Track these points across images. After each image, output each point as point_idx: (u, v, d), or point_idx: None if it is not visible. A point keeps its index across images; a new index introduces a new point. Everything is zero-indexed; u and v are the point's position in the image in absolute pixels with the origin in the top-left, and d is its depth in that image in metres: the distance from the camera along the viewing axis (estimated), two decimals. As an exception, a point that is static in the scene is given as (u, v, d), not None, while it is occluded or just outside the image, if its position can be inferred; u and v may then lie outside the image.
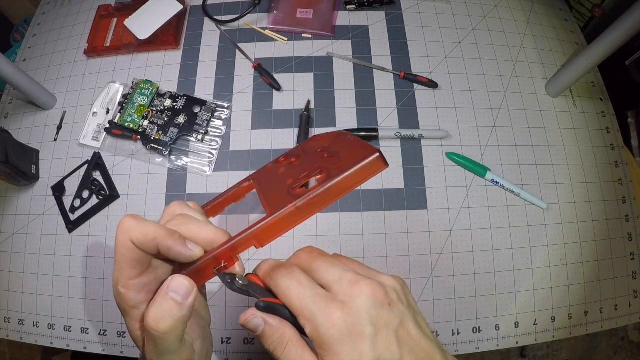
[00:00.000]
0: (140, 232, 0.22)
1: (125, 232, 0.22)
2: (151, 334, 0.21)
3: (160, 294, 0.21)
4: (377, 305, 0.22)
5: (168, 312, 0.21)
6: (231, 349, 0.47)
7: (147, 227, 0.22)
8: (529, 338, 0.48)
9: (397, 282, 0.24)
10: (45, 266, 0.51)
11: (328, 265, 0.24)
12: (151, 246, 0.22)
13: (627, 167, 0.56)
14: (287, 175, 0.25)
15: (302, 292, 0.22)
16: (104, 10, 0.64)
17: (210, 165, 0.53)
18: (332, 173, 0.22)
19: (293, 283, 0.23)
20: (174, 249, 0.22)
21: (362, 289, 0.22)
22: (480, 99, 0.57)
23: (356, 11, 0.62)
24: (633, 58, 0.67)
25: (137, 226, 0.22)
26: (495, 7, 0.64)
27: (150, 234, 0.22)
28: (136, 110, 0.55)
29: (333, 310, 0.21)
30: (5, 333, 0.50)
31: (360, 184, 0.22)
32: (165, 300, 0.21)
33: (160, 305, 0.21)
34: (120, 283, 0.22)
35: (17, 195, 0.55)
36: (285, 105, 0.56)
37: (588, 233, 0.52)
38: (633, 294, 0.51)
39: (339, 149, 0.25)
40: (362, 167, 0.21)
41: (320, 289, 0.23)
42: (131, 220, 0.22)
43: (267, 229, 0.22)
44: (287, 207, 0.22)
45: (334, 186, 0.21)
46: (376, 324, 0.22)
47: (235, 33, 0.61)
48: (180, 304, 0.21)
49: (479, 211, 0.51)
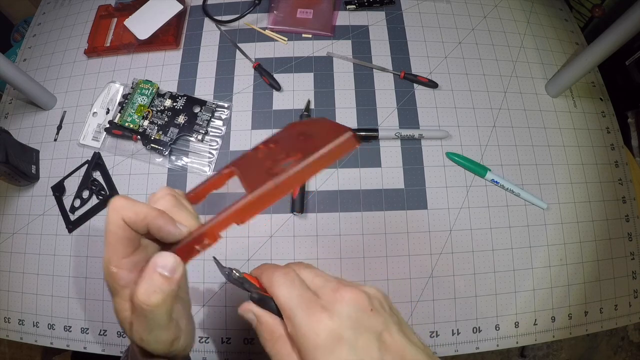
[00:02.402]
0: (132, 211, 0.22)
1: (117, 211, 0.22)
2: (142, 309, 0.21)
3: (148, 269, 0.22)
4: (358, 311, 0.22)
5: (158, 286, 0.21)
6: (231, 349, 0.47)
7: (138, 207, 0.22)
8: (529, 338, 0.48)
9: (380, 292, 0.25)
10: (45, 266, 0.51)
11: (313, 275, 0.24)
12: (142, 225, 0.22)
13: (627, 167, 0.56)
14: (266, 159, 0.26)
15: (290, 291, 0.23)
16: (104, 10, 0.64)
17: (210, 165, 0.53)
18: (308, 152, 0.23)
19: (286, 281, 0.23)
20: (164, 228, 0.23)
21: (344, 295, 0.22)
22: (480, 99, 0.57)
23: (356, 11, 0.62)
24: (633, 58, 0.67)
25: (128, 205, 0.22)
26: (495, 7, 0.64)
27: (141, 213, 0.22)
28: (136, 110, 0.55)
29: (315, 312, 0.22)
30: (5, 333, 0.50)
31: (334, 160, 0.23)
32: (154, 275, 0.22)
33: (150, 279, 0.22)
34: (113, 262, 0.22)
35: (17, 195, 0.55)
36: (285, 105, 0.56)
37: (588, 233, 0.52)
38: (633, 294, 0.51)
39: (314, 132, 0.26)
40: (335, 145, 0.22)
41: (308, 292, 0.23)
42: (122, 200, 0.22)
43: (247, 206, 0.23)
44: (267, 184, 0.22)
45: (310, 163, 0.22)
46: (357, 329, 0.21)
47: (235, 33, 0.61)
48: (169, 279, 0.22)
49: (479, 211, 0.51)
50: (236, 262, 0.49)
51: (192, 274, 0.49)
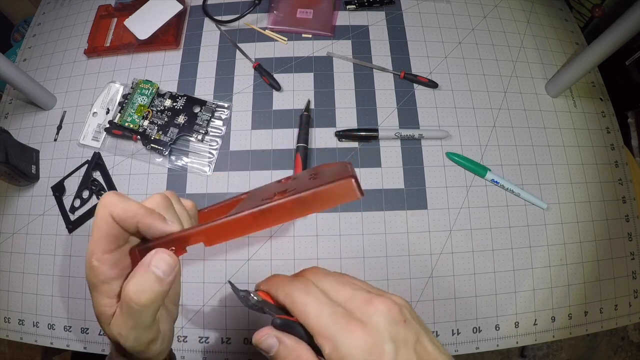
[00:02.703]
0: (122, 208, 0.22)
1: (106, 207, 0.22)
2: (129, 307, 0.21)
3: (142, 266, 0.22)
4: (394, 323, 0.22)
5: (149, 286, 0.21)
6: (231, 349, 0.47)
7: (129, 204, 0.22)
8: (529, 338, 0.48)
9: (406, 301, 0.24)
10: (45, 266, 0.51)
11: (338, 285, 0.23)
12: (131, 223, 0.22)
13: (627, 167, 0.56)
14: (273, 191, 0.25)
15: (320, 310, 0.22)
16: (104, 10, 0.64)
17: (210, 165, 0.53)
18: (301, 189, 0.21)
19: (310, 300, 0.22)
20: (153, 226, 0.22)
21: (378, 307, 0.22)
22: (480, 99, 0.57)
23: (356, 11, 0.62)
24: (633, 58, 0.67)
25: (118, 202, 0.22)
26: (495, 7, 0.64)
27: (131, 210, 0.22)
28: (136, 110, 0.55)
29: (353, 329, 0.21)
30: (5, 333, 0.50)
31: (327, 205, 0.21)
32: (147, 273, 0.21)
33: (142, 277, 0.21)
34: (95, 256, 0.22)
35: (17, 195, 0.55)
36: (285, 105, 0.56)
37: (588, 233, 0.52)
38: (633, 294, 0.51)
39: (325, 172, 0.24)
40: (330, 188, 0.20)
41: (339, 307, 0.22)
42: (113, 196, 0.22)
43: (217, 228, 0.22)
44: (244, 211, 0.21)
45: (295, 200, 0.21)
46: (396, 341, 0.21)
47: (235, 33, 0.61)
48: (162, 279, 0.21)
49: (479, 211, 0.51)
50: (236, 262, 0.49)
51: (192, 274, 0.49)
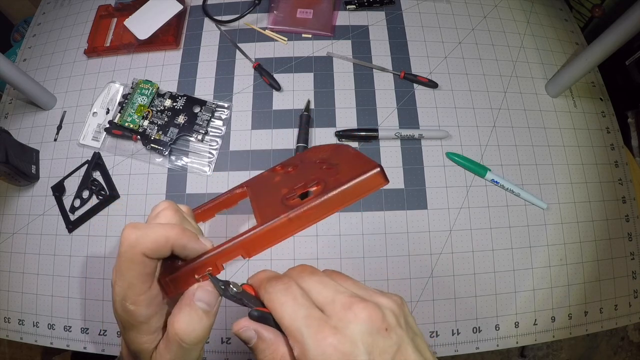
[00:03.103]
0: (152, 240, 0.20)
1: (134, 247, 0.20)
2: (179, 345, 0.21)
3: (186, 303, 0.21)
4: (372, 332, 0.20)
5: (197, 322, 0.21)
6: (231, 349, 0.47)
7: (157, 232, 0.21)
8: (529, 338, 0.48)
9: (395, 302, 0.22)
10: (45, 266, 0.51)
11: (320, 286, 0.22)
12: (165, 250, 0.21)
13: (627, 167, 0.56)
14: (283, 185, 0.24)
15: (296, 311, 0.21)
16: (104, 10, 0.64)
17: (210, 165, 0.53)
18: (330, 185, 0.21)
19: (288, 300, 0.21)
20: (188, 246, 0.21)
21: (357, 314, 0.20)
22: (480, 99, 0.57)
23: (356, 11, 0.62)
24: (633, 58, 0.67)
25: (145, 235, 0.20)
26: (495, 7, 0.64)
27: (162, 236, 0.21)
28: (136, 110, 0.55)
29: (325, 336, 0.19)
30: (5, 333, 0.50)
31: (358, 198, 0.20)
32: (193, 309, 0.21)
33: (189, 315, 0.21)
34: (129, 300, 0.21)
35: (17, 195, 0.55)
36: (285, 105, 0.56)
37: (588, 233, 0.52)
38: (633, 294, 0.51)
39: (339, 161, 0.24)
40: (361, 181, 0.20)
41: (315, 310, 0.21)
42: (136, 231, 0.20)
43: (256, 239, 0.21)
44: (279, 217, 0.20)
45: (330, 199, 0.20)
46: (371, 352, 0.20)
47: (235, 33, 0.61)
48: (208, 312, 0.21)
49: (479, 211, 0.51)
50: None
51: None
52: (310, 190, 0.21)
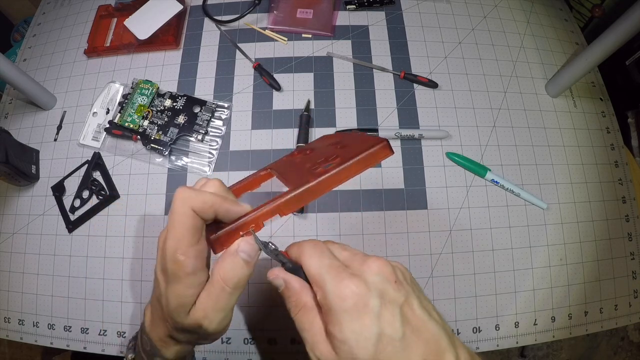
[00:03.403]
0: (200, 200, 0.24)
1: (185, 201, 0.23)
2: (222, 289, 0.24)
3: (230, 254, 0.24)
4: (384, 281, 0.23)
5: (239, 269, 0.24)
6: (231, 349, 0.47)
7: (205, 196, 0.24)
8: (529, 338, 0.48)
9: (403, 266, 0.26)
10: (45, 266, 0.51)
11: (342, 248, 0.26)
12: (210, 212, 0.24)
13: (627, 167, 0.56)
14: (305, 162, 0.28)
15: (321, 261, 0.24)
16: (104, 10, 0.64)
17: (210, 165, 0.53)
18: (347, 157, 0.25)
19: (315, 252, 0.25)
20: (231, 210, 0.25)
21: (371, 265, 0.24)
22: (480, 99, 0.57)
23: (356, 11, 0.62)
24: (633, 58, 0.67)
25: (195, 195, 0.24)
26: (495, 7, 0.64)
27: (209, 201, 0.24)
28: (136, 110, 0.55)
29: (343, 280, 0.23)
30: (5, 333, 0.50)
31: (370, 165, 0.25)
32: (236, 258, 0.24)
33: (232, 262, 0.24)
34: (180, 251, 0.23)
35: (17, 195, 0.55)
36: (285, 105, 0.56)
37: (588, 233, 0.52)
38: (633, 294, 0.51)
39: (349, 142, 0.28)
40: (373, 152, 0.25)
41: (337, 261, 0.24)
42: (189, 191, 0.24)
43: (291, 201, 0.25)
44: (311, 182, 0.25)
45: (350, 166, 0.25)
46: (382, 298, 0.22)
47: (235, 33, 0.61)
48: (249, 262, 0.24)
49: (479, 211, 0.51)
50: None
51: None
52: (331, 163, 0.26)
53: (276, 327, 0.47)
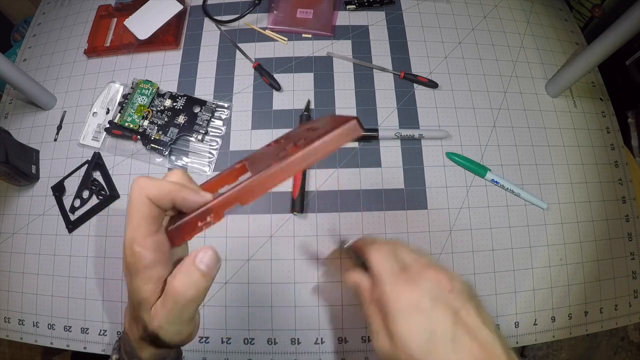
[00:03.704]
0: (156, 188, 0.23)
1: (141, 189, 0.22)
2: (175, 301, 0.22)
3: (187, 262, 0.23)
4: (439, 288, 0.25)
5: (195, 281, 0.22)
6: (231, 349, 0.47)
7: (162, 183, 0.23)
8: (529, 338, 0.48)
9: (466, 283, 0.27)
10: (45, 266, 0.51)
11: (406, 252, 0.29)
12: (167, 200, 0.23)
13: (627, 167, 0.56)
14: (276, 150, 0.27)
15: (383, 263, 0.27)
16: (104, 10, 0.64)
17: (210, 165, 0.53)
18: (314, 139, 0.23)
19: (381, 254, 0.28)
20: (189, 198, 0.23)
21: (430, 274, 0.26)
22: (480, 99, 0.57)
23: (356, 11, 0.62)
24: (633, 58, 0.67)
25: (151, 183, 0.23)
26: (495, 7, 0.64)
27: (165, 188, 0.23)
28: (136, 110, 0.55)
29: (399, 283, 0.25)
30: (5, 333, 0.50)
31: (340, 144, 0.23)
32: (192, 269, 0.22)
33: (188, 274, 0.22)
34: (137, 241, 0.22)
35: (17, 195, 0.55)
36: (285, 105, 0.56)
37: (588, 233, 0.52)
38: (633, 294, 0.51)
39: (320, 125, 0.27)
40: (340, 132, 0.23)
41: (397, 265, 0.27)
42: (146, 180, 0.23)
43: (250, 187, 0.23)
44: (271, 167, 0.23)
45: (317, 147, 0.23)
46: (435, 301, 0.24)
47: (235, 33, 0.61)
48: (206, 274, 0.22)
49: (479, 211, 0.51)
50: (236, 262, 0.49)
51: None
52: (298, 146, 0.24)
53: (276, 327, 0.47)
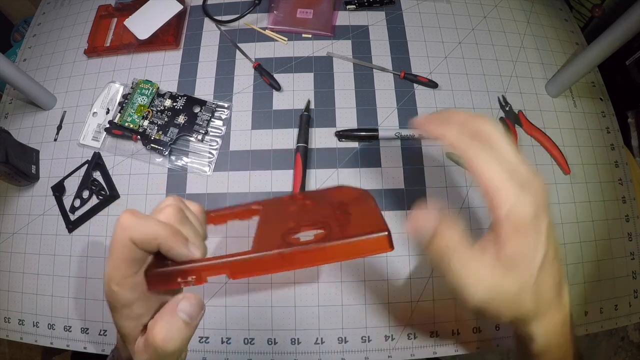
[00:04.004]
0: (141, 232, 0.21)
1: (125, 231, 0.21)
2: (155, 351, 0.21)
3: (168, 312, 0.21)
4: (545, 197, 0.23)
5: (177, 332, 0.20)
6: (231, 349, 0.47)
7: (149, 226, 0.21)
8: (529, 338, 0.48)
9: None
10: (45, 266, 0.51)
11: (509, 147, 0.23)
12: (152, 245, 0.21)
13: (627, 167, 0.56)
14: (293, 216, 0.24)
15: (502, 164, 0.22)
16: (104, 10, 0.64)
17: (210, 165, 0.53)
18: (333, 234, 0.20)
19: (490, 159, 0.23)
20: (175, 250, 0.21)
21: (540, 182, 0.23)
22: (480, 99, 0.57)
23: (356, 11, 0.62)
24: (633, 58, 0.68)
25: (137, 225, 0.21)
26: (495, 7, 0.64)
27: (152, 233, 0.21)
28: (136, 110, 0.55)
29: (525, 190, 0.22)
30: (5, 333, 0.50)
31: (357, 257, 0.20)
32: (174, 319, 0.21)
33: (169, 324, 0.21)
34: (115, 281, 0.21)
35: (17, 195, 0.55)
36: (285, 105, 0.56)
37: (588, 233, 0.52)
38: (633, 294, 0.51)
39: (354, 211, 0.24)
40: (363, 241, 0.20)
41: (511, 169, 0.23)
42: (132, 218, 0.21)
43: (244, 264, 0.21)
44: (272, 251, 0.20)
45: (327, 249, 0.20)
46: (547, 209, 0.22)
47: (235, 33, 0.61)
48: (189, 324, 0.21)
49: (479, 211, 0.51)
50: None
51: (192, 274, 0.49)
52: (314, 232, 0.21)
53: (276, 327, 0.47)
